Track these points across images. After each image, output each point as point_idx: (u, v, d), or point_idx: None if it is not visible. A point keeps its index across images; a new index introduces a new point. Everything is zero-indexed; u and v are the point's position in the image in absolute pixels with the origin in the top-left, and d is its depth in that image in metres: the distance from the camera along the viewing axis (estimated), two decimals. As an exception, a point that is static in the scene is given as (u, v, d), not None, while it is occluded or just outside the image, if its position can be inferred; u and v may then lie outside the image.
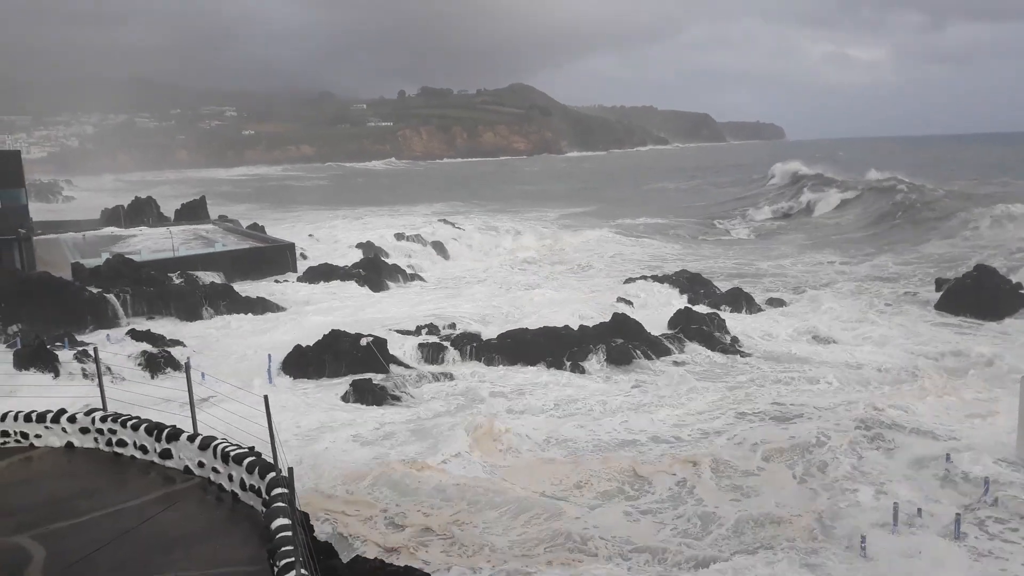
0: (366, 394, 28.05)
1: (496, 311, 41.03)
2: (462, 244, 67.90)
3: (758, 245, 71.65)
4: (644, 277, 46.67)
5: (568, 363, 31.04)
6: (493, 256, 64.10)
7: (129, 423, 13.39)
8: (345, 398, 28.10)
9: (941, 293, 40.32)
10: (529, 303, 42.98)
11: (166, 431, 12.94)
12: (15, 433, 14.00)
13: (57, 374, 28.88)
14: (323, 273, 49.99)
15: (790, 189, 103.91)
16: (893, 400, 26.22)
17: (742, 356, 32.16)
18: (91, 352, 29.48)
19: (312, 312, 42.14)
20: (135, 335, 34.73)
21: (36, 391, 26.50)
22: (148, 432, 13.06)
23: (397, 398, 28.42)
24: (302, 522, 10.34)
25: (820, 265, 57.39)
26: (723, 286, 44.99)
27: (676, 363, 31.60)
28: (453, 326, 36.50)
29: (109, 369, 27.98)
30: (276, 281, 49.63)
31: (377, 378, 29.60)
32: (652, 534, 18.10)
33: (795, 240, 72.59)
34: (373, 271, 50.57)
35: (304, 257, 57.34)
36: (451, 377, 30.49)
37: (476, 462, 22.22)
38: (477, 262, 62.43)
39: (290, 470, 9.68)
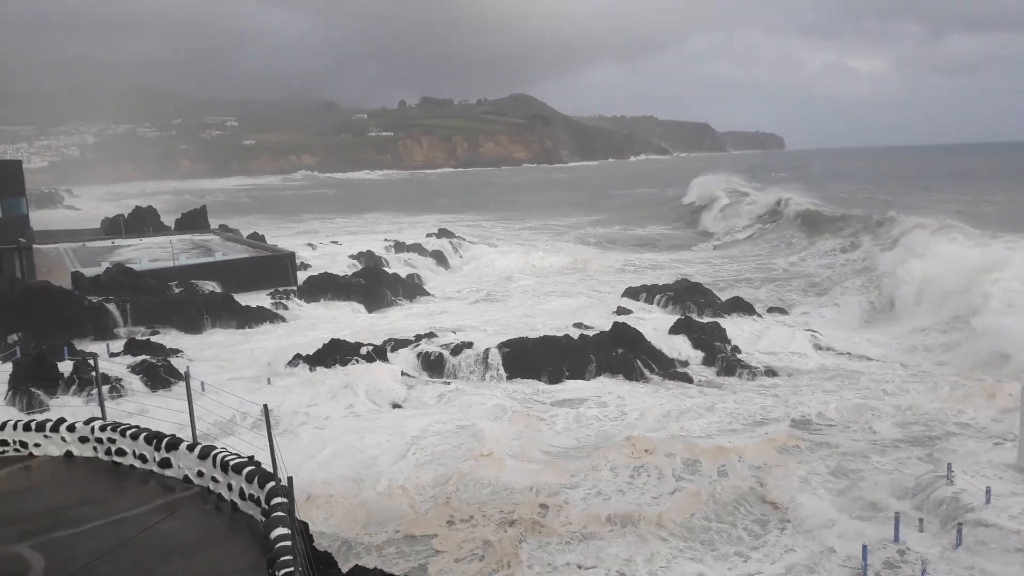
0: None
1: (495, 319, 41.01)
2: (462, 254, 67.93)
3: (751, 249, 71.77)
4: (644, 286, 46.68)
5: (567, 372, 31.03)
6: (493, 266, 63.98)
7: (128, 432, 13.34)
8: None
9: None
10: (526, 312, 42.99)
11: (165, 440, 12.90)
12: (14, 442, 13.97)
13: (56, 383, 28.78)
14: (323, 283, 49.57)
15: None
16: (894, 409, 26.20)
17: (742, 365, 32.10)
18: (90, 361, 29.40)
19: (312, 321, 42.07)
20: (134, 344, 34.67)
21: (34, 399, 26.45)
22: (147, 441, 13.03)
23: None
24: (301, 531, 10.32)
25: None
26: (725, 294, 45.02)
27: (677, 372, 31.61)
28: (454, 333, 36.41)
29: (108, 378, 27.96)
30: (275, 292, 48.95)
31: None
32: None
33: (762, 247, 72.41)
34: (373, 281, 50.37)
35: (305, 267, 57.20)
36: (448, 385, 30.42)
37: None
38: (478, 270, 62.39)
39: (289, 479, 9.66)
